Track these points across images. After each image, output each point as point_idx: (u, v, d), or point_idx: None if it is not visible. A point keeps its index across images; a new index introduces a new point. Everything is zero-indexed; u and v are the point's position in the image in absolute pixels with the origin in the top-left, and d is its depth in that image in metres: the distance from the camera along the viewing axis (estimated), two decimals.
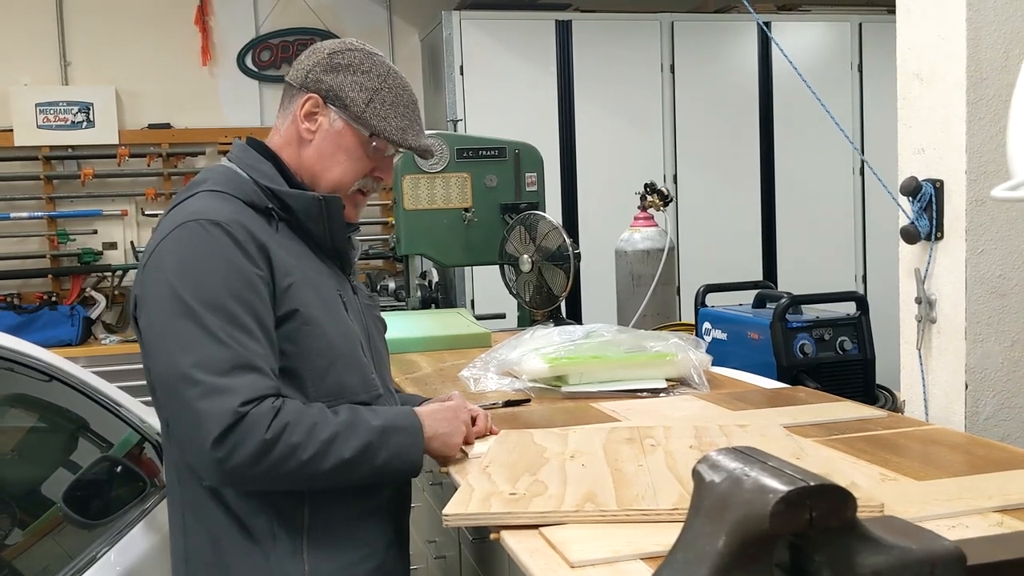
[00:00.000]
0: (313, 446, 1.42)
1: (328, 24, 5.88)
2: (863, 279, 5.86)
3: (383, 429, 1.50)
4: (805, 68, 2.57)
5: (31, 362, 2.08)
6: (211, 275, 1.45)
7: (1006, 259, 1.93)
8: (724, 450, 0.83)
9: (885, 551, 0.76)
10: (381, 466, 1.49)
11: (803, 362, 2.66)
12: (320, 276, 1.60)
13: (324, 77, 1.62)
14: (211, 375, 1.39)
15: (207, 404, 1.37)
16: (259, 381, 1.41)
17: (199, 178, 1.62)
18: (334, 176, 1.63)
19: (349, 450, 1.45)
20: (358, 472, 1.48)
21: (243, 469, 1.39)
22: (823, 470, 1.43)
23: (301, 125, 1.63)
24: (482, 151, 3.74)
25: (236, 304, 1.44)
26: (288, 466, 1.41)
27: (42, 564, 1.90)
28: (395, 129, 1.62)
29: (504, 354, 2.42)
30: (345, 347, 1.59)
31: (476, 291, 5.14)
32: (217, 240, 1.46)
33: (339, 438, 1.45)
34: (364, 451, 1.47)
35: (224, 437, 1.37)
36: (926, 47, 1.98)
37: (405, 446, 1.52)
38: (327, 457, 1.43)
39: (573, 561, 1.18)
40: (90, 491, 2.06)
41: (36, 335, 4.91)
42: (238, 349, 1.41)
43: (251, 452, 1.38)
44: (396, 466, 1.52)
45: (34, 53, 5.50)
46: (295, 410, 1.43)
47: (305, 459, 1.41)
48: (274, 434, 1.39)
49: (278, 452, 1.39)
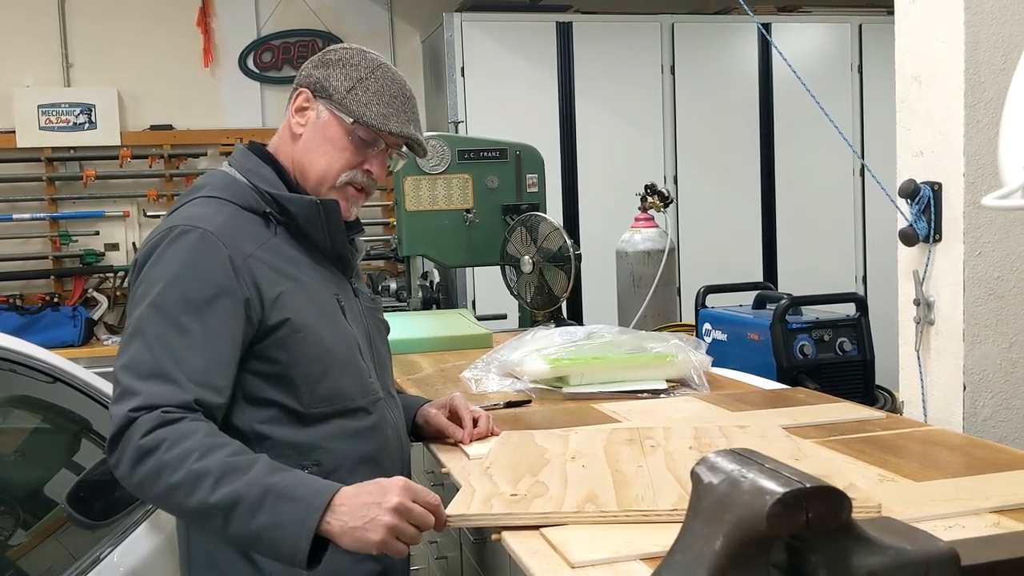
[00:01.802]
0: (180, 474, 1.30)
1: (329, 26, 5.88)
2: (863, 280, 5.86)
3: (268, 490, 1.28)
4: (805, 69, 2.57)
5: (34, 363, 2.08)
6: (174, 282, 1.43)
7: (1004, 261, 1.93)
8: (722, 452, 0.84)
9: (881, 552, 0.77)
10: (255, 533, 1.28)
11: (803, 363, 2.67)
12: (317, 281, 1.59)
13: (314, 71, 1.64)
14: (131, 378, 1.38)
15: (115, 407, 1.37)
16: (165, 391, 1.36)
17: (198, 183, 1.62)
18: (320, 167, 1.62)
19: (216, 495, 1.28)
20: (225, 526, 1.30)
21: (127, 477, 1.35)
22: (822, 471, 1.44)
23: (292, 120, 1.64)
24: (483, 152, 3.75)
25: (187, 313, 1.42)
26: (157, 486, 1.32)
27: (46, 564, 1.91)
28: (375, 115, 1.60)
29: (505, 355, 2.43)
30: (341, 352, 1.57)
31: (477, 292, 5.15)
32: (194, 249, 1.46)
33: (209, 476, 1.29)
34: (233, 504, 1.28)
35: (115, 440, 1.35)
36: (924, 50, 1.98)
37: (290, 522, 1.27)
38: (191, 492, 1.30)
39: (574, 562, 1.19)
40: (93, 492, 2.07)
41: (38, 336, 4.92)
42: (163, 358, 1.38)
43: (129, 457, 1.34)
44: (275, 539, 1.27)
45: (36, 55, 5.51)
46: (182, 430, 1.33)
47: (171, 483, 1.30)
48: (149, 444, 1.32)
49: (148, 466, 1.32)
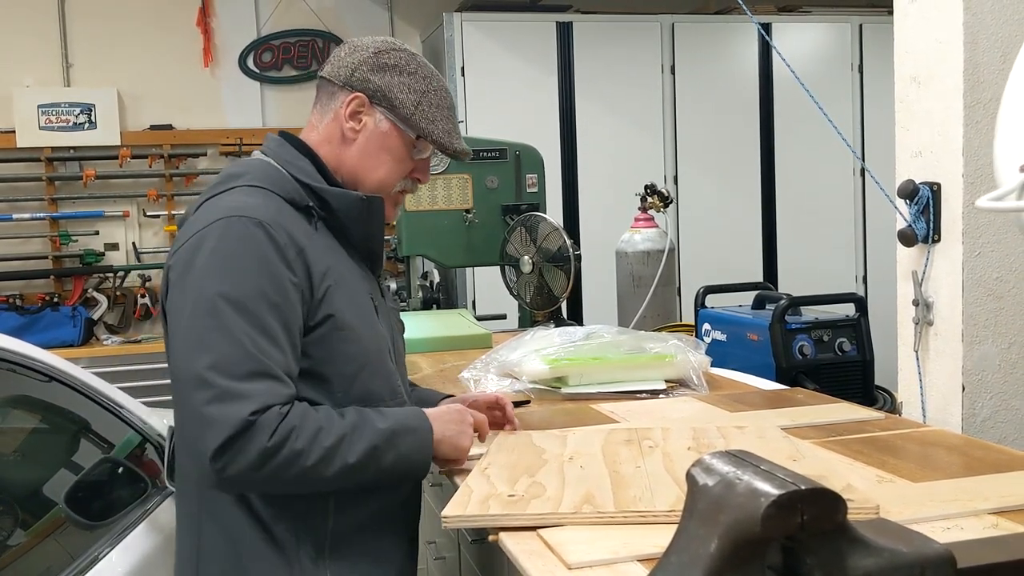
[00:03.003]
0: (317, 452, 1.39)
1: (329, 26, 5.89)
2: (863, 280, 5.86)
3: (392, 432, 1.47)
4: (805, 69, 2.57)
5: (33, 364, 2.08)
6: (244, 275, 1.41)
7: (1003, 262, 1.93)
8: (718, 454, 0.84)
9: (876, 554, 0.77)
10: (388, 468, 1.47)
11: (802, 363, 2.67)
12: (355, 279, 1.58)
13: (371, 77, 1.59)
14: (226, 379, 1.35)
15: (216, 409, 1.34)
16: (274, 388, 1.38)
17: (235, 171, 1.57)
18: (379, 176, 1.61)
19: (354, 455, 1.42)
20: (363, 475, 1.45)
21: (243, 475, 1.36)
22: (820, 472, 1.44)
23: (345, 124, 1.60)
24: (483, 152, 3.75)
25: (265, 308, 1.40)
26: (291, 472, 1.38)
27: (44, 565, 1.91)
28: (442, 132, 1.61)
29: (504, 355, 2.42)
30: (374, 353, 1.57)
31: (477, 292, 5.15)
32: (256, 240, 1.42)
33: (344, 442, 1.41)
34: (370, 455, 1.43)
35: (229, 444, 1.33)
36: (924, 50, 1.98)
37: (413, 448, 1.50)
38: (331, 463, 1.40)
39: (571, 563, 1.19)
40: (92, 492, 2.06)
41: (38, 336, 4.92)
42: (258, 355, 1.38)
43: (252, 460, 1.34)
44: (404, 468, 1.50)
45: (36, 55, 5.51)
46: (300, 414, 1.39)
47: (308, 465, 1.38)
48: (278, 440, 1.35)
49: (281, 458, 1.36)
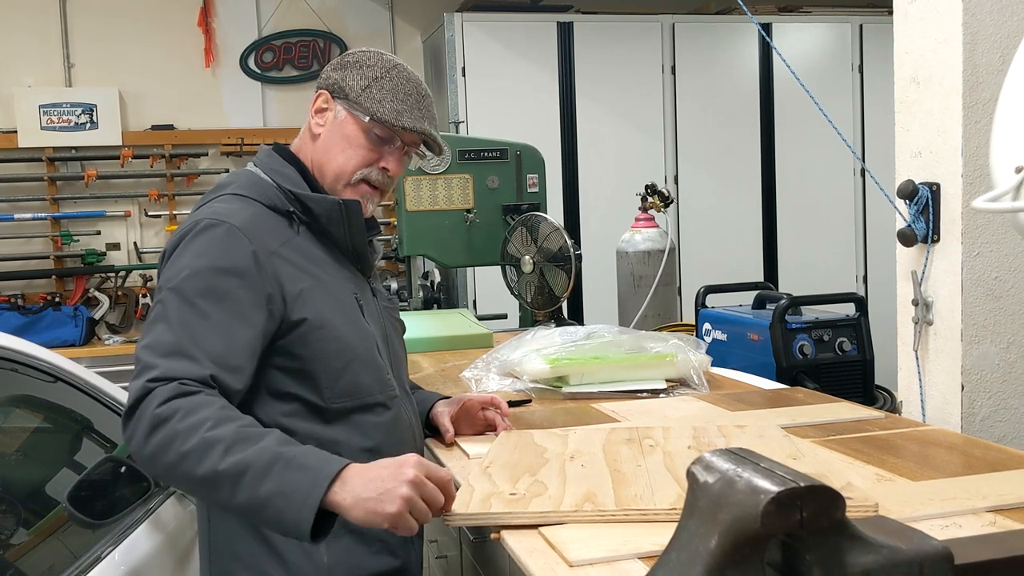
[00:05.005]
0: (192, 441, 1.30)
1: (330, 26, 5.89)
2: (864, 280, 5.86)
3: (278, 457, 1.29)
4: (806, 69, 2.58)
5: (35, 363, 2.09)
6: (198, 270, 1.48)
7: (1002, 262, 1.94)
8: (718, 451, 0.84)
9: (875, 551, 0.77)
10: (261, 500, 1.28)
11: (802, 363, 2.67)
12: (338, 280, 1.64)
13: (332, 73, 1.70)
14: (150, 355, 1.40)
15: (133, 382, 1.39)
16: (183, 365, 1.38)
17: (224, 181, 1.68)
18: (337, 164, 1.67)
19: (225, 463, 1.29)
20: (233, 495, 1.30)
21: (141, 448, 1.35)
22: (820, 471, 1.45)
23: (312, 120, 1.70)
24: (484, 152, 3.76)
25: (208, 299, 1.45)
26: (169, 455, 1.32)
27: (47, 563, 1.91)
28: (389, 111, 1.65)
29: (505, 355, 2.43)
30: (360, 349, 1.61)
31: (478, 292, 5.16)
32: (220, 241, 1.50)
33: (220, 444, 1.30)
34: (242, 472, 1.28)
35: (131, 411, 1.36)
36: (923, 51, 1.99)
37: (297, 489, 1.27)
38: (202, 460, 1.30)
39: (572, 560, 1.20)
40: (95, 491, 2.07)
41: (40, 336, 4.93)
42: (182, 337, 1.41)
43: (145, 427, 1.34)
44: (280, 507, 1.27)
45: (38, 55, 5.52)
46: (197, 401, 1.34)
47: (183, 451, 1.31)
48: (167, 412, 1.33)
49: (162, 435, 1.32)
